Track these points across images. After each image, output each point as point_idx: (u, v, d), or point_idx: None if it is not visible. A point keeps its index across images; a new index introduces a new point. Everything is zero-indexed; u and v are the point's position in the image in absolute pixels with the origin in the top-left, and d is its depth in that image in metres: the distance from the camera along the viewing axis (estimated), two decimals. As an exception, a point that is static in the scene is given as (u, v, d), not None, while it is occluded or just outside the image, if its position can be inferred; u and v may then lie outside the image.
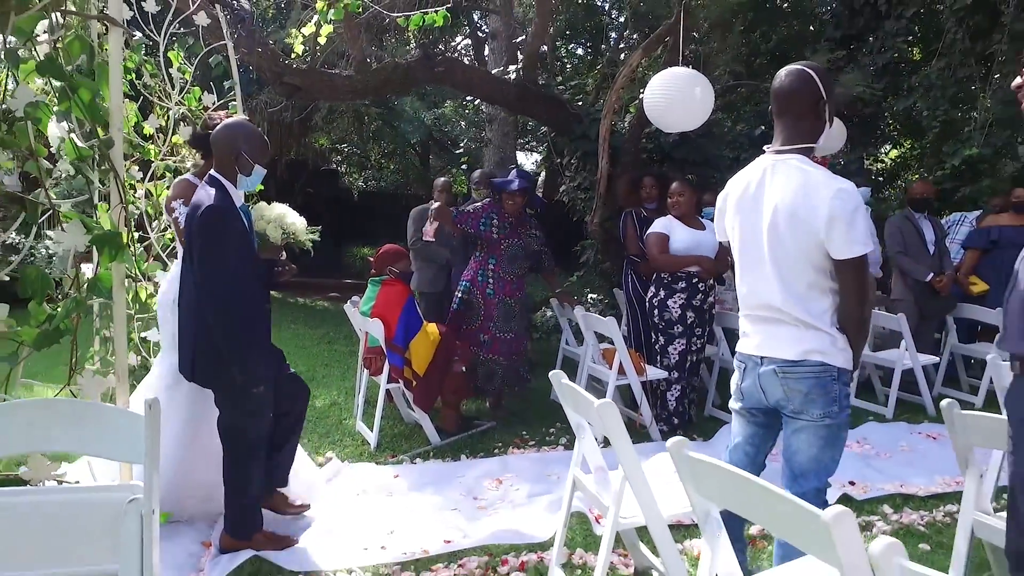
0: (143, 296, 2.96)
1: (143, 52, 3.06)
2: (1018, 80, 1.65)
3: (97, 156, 1.50)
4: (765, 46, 8.52)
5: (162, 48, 3.14)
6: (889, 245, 5.71)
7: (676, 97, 3.81)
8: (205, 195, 2.35)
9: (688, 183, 4.36)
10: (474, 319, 4.32)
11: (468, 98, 11.79)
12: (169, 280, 2.79)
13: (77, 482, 1.87)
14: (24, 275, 1.44)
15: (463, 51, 15.08)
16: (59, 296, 1.91)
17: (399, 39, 9.40)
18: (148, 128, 3.22)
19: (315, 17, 3.43)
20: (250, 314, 2.44)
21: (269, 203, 2.95)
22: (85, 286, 1.43)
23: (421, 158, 15.76)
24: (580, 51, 14.17)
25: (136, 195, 3.14)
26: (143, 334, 3.23)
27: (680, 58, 4.26)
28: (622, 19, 11.55)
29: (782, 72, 2.15)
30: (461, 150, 13.47)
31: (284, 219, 2.82)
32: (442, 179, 5.25)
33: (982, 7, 5.94)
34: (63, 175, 1.88)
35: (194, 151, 2.92)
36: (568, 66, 13.71)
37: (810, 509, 1.23)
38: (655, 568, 2.51)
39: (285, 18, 10.10)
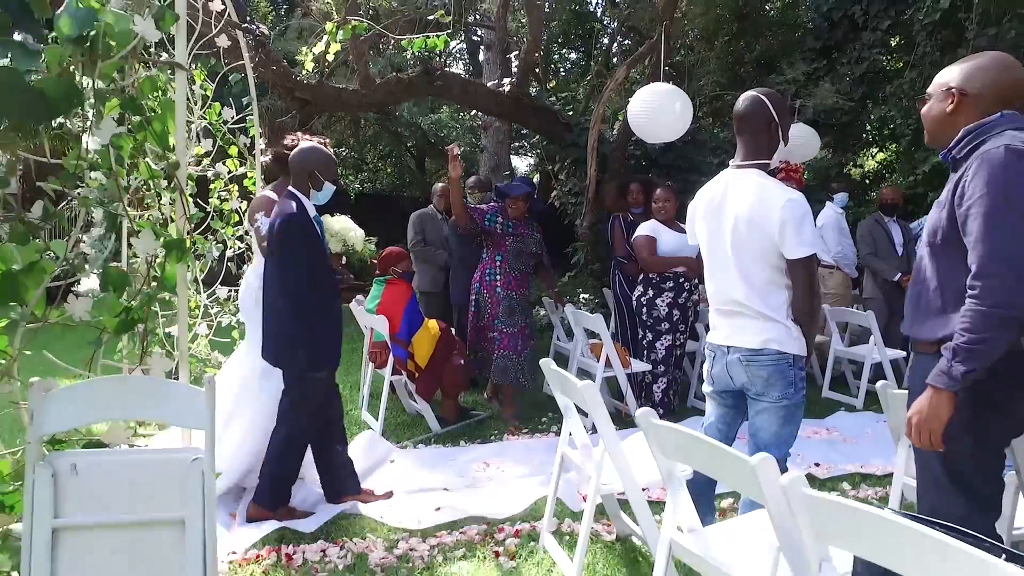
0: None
1: (169, 71, 3.36)
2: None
3: (165, 176, 1.82)
4: (749, 55, 8.87)
5: (186, 67, 3.44)
6: (861, 247, 6.06)
7: (658, 111, 4.14)
8: (285, 207, 2.82)
9: (672, 190, 4.69)
10: (483, 317, 4.51)
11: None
12: (247, 282, 3.24)
13: (146, 445, 2.18)
14: (106, 273, 1.75)
15: (458, 54, 15.39)
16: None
17: (397, 47, 9.72)
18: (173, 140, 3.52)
19: (324, 37, 3.73)
20: (319, 307, 2.85)
21: (332, 216, 3.35)
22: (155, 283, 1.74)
23: (417, 161, 16.04)
24: (573, 55, 14.51)
25: (162, 202, 3.45)
26: (167, 329, 3.54)
27: (662, 74, 4.58)
28: (614, 24, 11.88)
29: (741, 97, 2.48)
30: (459, 156, 13.80)
31: (346, 233, 3.33)
32: (440, 184, 5.56)
33: (949, 22, 6.29)
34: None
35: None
36: (561, 71, 14.04)
37: (743, 457, 1.55)
38: (635, 534, 2.83)
39: (285, 25, 10.40)
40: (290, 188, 2.94)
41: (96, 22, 1.67)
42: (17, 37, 1.63)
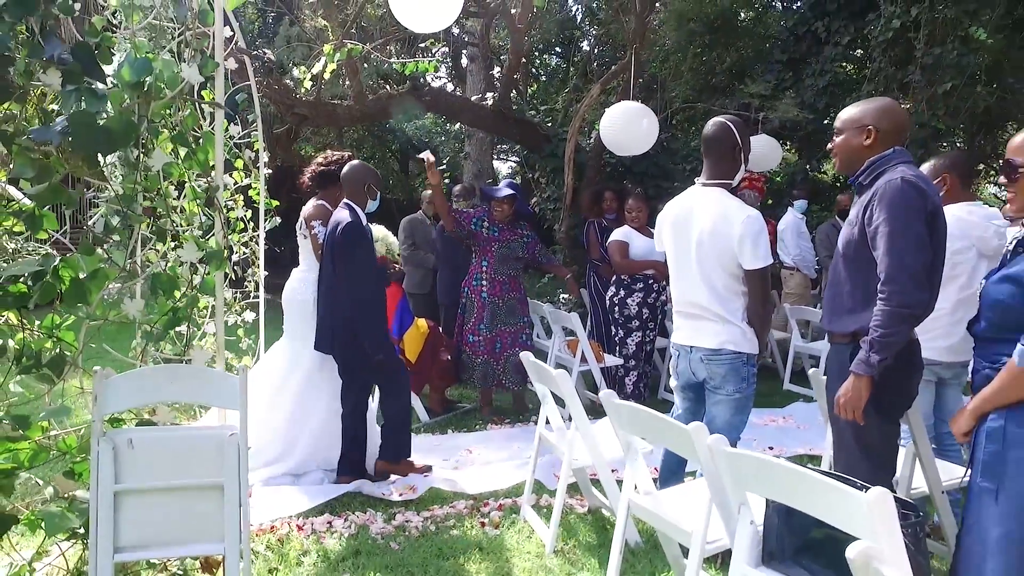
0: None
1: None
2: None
3: (206, 197, 2.16)
4: (720, 66, 9.30)
5: (195, 87, 3.77)
6: (819, 250, 6.51)
7: (627, 127, 4.54)
8: (344, 217, 3.31)
9: (644, 198, 5.09)
10: (468, 321, 4.76)
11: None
12: (292, 284, 3.70)
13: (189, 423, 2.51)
14: (156, 278, 2.09)
15: (441, 57, 15.69)
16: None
17: (384, 53, 10.04)
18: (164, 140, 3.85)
19: (323, 59, 4.07)
20: (375, 301, 3.38)
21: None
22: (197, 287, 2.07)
23: (401, 164, 16.35)
24: (554, 60, 14.88)
25: (154, 202, 3.79)
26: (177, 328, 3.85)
27: (632, 92, 4.97)
28: (593, 31, 12.27)
29: (710, 122, 2.84)
30: (444, 166, 14.11)
31: (385, 239, 3.88)
32: (428, 192, 5.91)
33: (900, 41, 6.77)
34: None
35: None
36: (543, 75, 14.41)
37: (681, 426, 1.94)
38: (604, 506, 3.21)
39: (273, 32, 10.66)
40: (346, 200, 3.42)
41: (150, 70, 2.01)
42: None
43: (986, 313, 1.81)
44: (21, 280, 1.93)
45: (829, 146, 2.39)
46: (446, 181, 13.91)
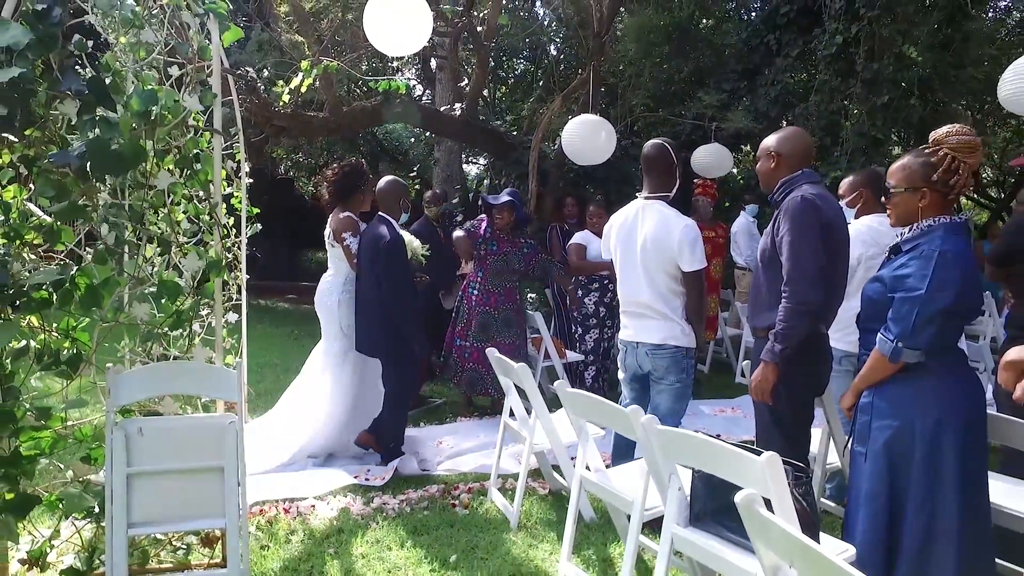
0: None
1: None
2: None
3: (207, 212, 2.43)
4: (679, 75, 9.73)
5: (180, 101, 4.00)
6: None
7: (587, 139, 4.88)
8: (383, 229, 3.73)
9: (604, 205, 5.44)
10: (458, 325, 4.90)
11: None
12: (322, 287, 4.01)
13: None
14: (162, 283, 2.35)
15: (412, 58, 15.89)
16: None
17: (357, 65, 10.26)
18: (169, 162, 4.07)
19: (300, 75, 4.32)
20: (412, 301, 3.79)
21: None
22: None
23: (370, 166, 16.53)
24: (522, 65, 15.20)
25: (159, 217, 4.01)
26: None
27: (591, 105, 5.33)
28: (558, 39, 12.62)
29: (649, 144, 3.20)
30: (414, 172, 14.37)
31: (411, 245, 4.11)
32: (429, 193, 6.12)
33: (843, 56, 7.26)
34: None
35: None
36: (510, 79, 14.71)
37: (622, 409, 2.27)
38: (564, 488, 3.54)
39: (245, 38, 10.78)
40: (380, 213, 3.84)
41: (156, 100, 2.27)
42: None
43: (864, 308, 2.19)
44: (43, 287, 2.19)
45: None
46: (416, 187, 14.15)
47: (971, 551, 1.93)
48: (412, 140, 13.81)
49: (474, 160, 15.12)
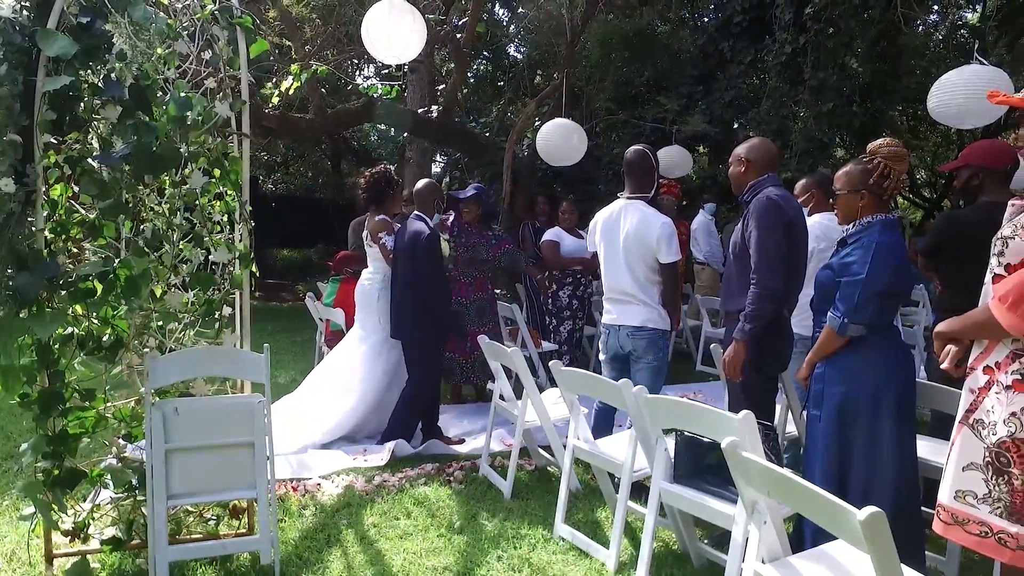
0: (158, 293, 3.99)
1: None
2: None
3: (237, 209, 2.65)
4: (639, 79, 10.16)
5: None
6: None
7: (559, 142, 5.20)
8: (421, 227, 4.09)
9: (574, 203, 5.77)
10: None
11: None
12: (362, 282, 4.46)
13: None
14: (196, 276, 2.56)
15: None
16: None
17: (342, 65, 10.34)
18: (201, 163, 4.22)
19: (290, 78, 4.52)
20: (448, 294, 4.25)
21: None
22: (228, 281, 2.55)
23: (332, 163, 16.55)
24: (483, 66, 15.44)
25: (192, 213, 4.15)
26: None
27: (563, 110, 5.65)
28: (519, 41, 12.92)
29: (631, 149, 3.55)
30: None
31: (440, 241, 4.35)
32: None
33: (791, 65, 7.77)
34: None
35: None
36: (471, 79, 14.96)
37: (615, 383, 2.59)
38: (550, 463, 3.85)
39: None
40: (417, 212, 4.19)
41: (190, 106, 2.48)
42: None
43: (816, 292, 2.56)
44: (89, 278, 2.38)
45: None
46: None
47: (903, 493, 2.32)
48: (381, 139, 13.92)
49: (438, 160, 15.34)
